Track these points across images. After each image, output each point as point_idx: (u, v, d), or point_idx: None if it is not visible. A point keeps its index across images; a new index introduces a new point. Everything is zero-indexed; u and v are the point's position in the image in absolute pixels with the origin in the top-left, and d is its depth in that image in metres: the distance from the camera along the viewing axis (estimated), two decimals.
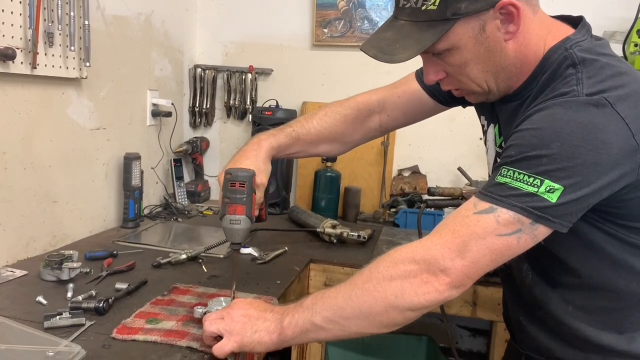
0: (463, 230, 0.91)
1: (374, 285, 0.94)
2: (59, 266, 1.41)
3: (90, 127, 1.85)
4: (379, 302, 0.94)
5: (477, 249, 0.90)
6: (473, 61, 0.98)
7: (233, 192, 1.18)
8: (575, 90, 0.90)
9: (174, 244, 1.84)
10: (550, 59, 0.98)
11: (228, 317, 1.04)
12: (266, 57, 2.56)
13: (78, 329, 1.14)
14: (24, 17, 1.47)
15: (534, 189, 0.87)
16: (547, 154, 0.87)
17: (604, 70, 0.92)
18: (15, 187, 1.54)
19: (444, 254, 0.91)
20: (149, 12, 2.16)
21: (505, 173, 0.90)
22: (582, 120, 0.86)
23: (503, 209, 0.89)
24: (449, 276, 0.91)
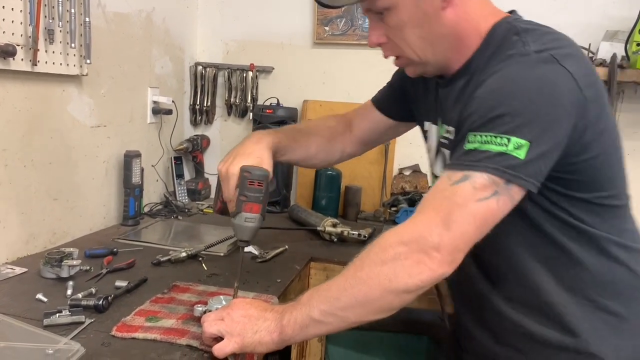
0: (444, 203, 0.91)
1: (367, 273, 0.93)
2: (59, 264, 1.41)
3: (91, 125, 1.85)
4: (373, 288, 0.93)
5: (461, 219, 0.90)
6: (410, 24, 1.02)
7: (251, 191, 1.18)
8: (523, 50, 0.94)
9: (174, 242, 1.83)
10: (495, 34, 1.03)
11: (228, 317, 1.03)
12: (267, 55, 2.55)
13: (78, 326, 1.14)
14: (24, 14, 1.47)
15: (503, 148, 0.89)
16: (509, 112, 0.89)
17: (546, 35, 0.98)
18: (16, 184, 1.54)
19: (431, 231, 0.90)
20: (149, 9, 2.16)
21: (472, 139, 0.92)
22: (535, 76, 0.91)
23: (477, 174, 0.90)
24: (440, 252, 0.90)
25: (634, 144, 2.28)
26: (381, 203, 2.37)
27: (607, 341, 1.01)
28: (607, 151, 1.01)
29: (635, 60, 1.97)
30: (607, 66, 2.01)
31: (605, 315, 1.02)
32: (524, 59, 0.93)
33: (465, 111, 0.98)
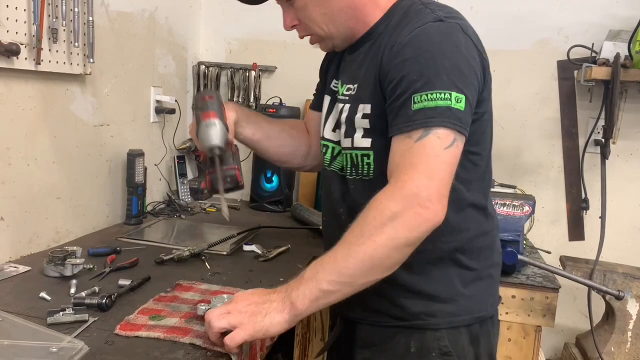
0: (418, 159, 1.00)
1: (369, 237, 0.99)
2: (62, 262, 1.41)
3: (94, 124, 1.85)
4: (378, 250, 0.99)
5: (439, 167, 1.00)
6: (311, 3, 1.17)
7: (204, 103, 1.25)
8: (436, 16, 1.08)
9: (177, 241, 1.84)
10: (399, 6, 1.17)
11: (234, 310, 1.04)
12: (270, 54, 2.56)
13: (81, 325, 1.14)
14: (28, 13, 1.47)
15: (448, 102, 1.01)
16: (443, 71, 1.02)
17: (447, 8, 1.13)
18: (19, 183, 1.54)
19: (419, 185, 0.98)
20: (153, 9, 2.16)
21: (419, 100, 1.02)
22: (454, 39, 1.05)
23: (435, 128, 1.00)
24: (432, 202, 0.98)
25: (636, 143, 2.28)
26: None
27: (454, 289, 1.16)
28: (489, 112, 1.17)
29: (638, 60, 1.96)
30: (610, 66, 2.01)
31: (457, 268, 1.16)
32: (440, 25, 1.07)
33: (393, 71, 1.07)
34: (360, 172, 1.19)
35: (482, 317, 1.19)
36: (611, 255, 2.21)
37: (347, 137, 1.19)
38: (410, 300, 1.17)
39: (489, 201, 1.25)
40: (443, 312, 1.16)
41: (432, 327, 1.16)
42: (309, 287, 1.01)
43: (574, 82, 2.31)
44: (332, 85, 1.32)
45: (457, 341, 1.16)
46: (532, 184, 2.39)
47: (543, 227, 2.38)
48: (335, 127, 1.27)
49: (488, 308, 1.21)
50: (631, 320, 2.02)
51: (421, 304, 1.17)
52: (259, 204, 2.42)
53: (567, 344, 2.30)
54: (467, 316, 1.17)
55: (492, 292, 1.23)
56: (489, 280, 1.21)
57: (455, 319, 1.16)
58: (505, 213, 1.71)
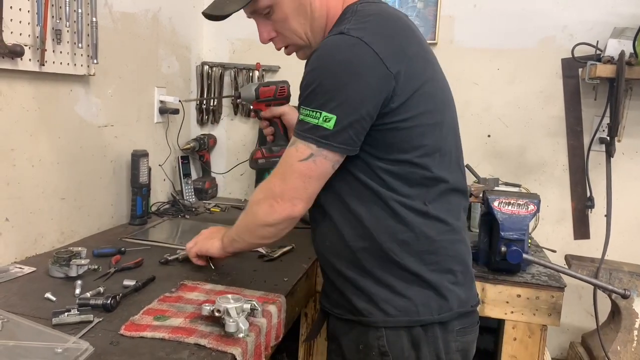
0: (282, 164, 1.18)
1: (246, 212, 1.31)
2: (67, 263, 1.41)
3: (98, 124, 1.86)
4: (249, 223, 1.30)
5: (291, 174, 1.16)
6: (291, 15, 1.20)
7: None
8: (339, 29, 1.11)
9: (181, 241, 1.83)
10: (344, 13, 1.20)
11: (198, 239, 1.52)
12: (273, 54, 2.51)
13: (86, 325, 1.15)
14: (32, 14, 1.47)
15: (315, 121, 1.09)
16: (318, 90, 1.08)
17: (365, 18, 1.13)
18: (24, 184, 1.55)
19: (274, 184, 1.19)
20: (156, 9, 2.17)
21: (301, 112, 1.13)
22: (345, 57, 1.07)
23: (299, 141, 1.13)
24: (282, 199, 1.18)
25: None
26: None
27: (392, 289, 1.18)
28: (419, 118, 1.14)
29: None
30: (615, 63, 2.00)
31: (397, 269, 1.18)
32: (337, 39, 1.10)
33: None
34: None
35: (424, 321, 1.16)
36: (617, 253, 2.20)
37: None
38: (355, 296, 1.21)
39: (438, 205, 1.19)
40: (381, 311, 1.18)
41: (373, 325, 1.19)
42: (228, 235, 1.41)
43: (579, 80, 2.30)
44: None
45: (396, 343, 1.17)
46: (537, 183, 2.38)
47: (548, 226, 2.37)
48: None
49: (434, 314, 1.17)
50: (637, 319, 2.01)
51: (363, 300, 1.20)
52: None
53: (573, 343, 2.30)
54: (405, 318, 1.17)
55: (438, 298, 1.18)
56: (433, 286, 1.17)
57: (391, 319, 1.17)
58: (509, 212, 1.71)
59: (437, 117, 1.18)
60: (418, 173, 1.16)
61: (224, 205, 2.42)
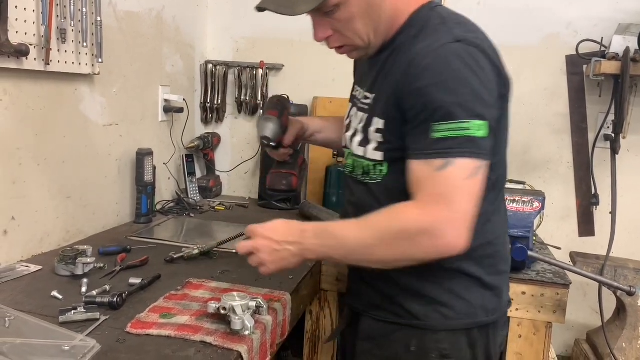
0: (438, 189, 1.02)
1: (386, 244, 1.06)
2: (73, 261, 1.42)
3: (103, 123, 1.86)
4: (388, 257, 1.07)
5: (460, 199, 1.01)
6: (358, 15, 1.10)
7: (270, 104, 1.45)
8: (453, 34, 1.05)
9: (186, 239, 1.84)
10: (418, 16, 1.14)
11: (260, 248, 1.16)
12: (277, 52, 2.56)
13: (93, 323, 1.15)
14: (37, 14, 1.48)
15: (468, 132, 1.00)
16: (462, 100, 1.00)
17: (466, 25, 1.11)
18: (30, 183, 1.55)
19: (435, 216, 1.01)
20: (160, 8, 2.17)
21: (437, 129, 1.01)
22: (473, 64, 1.03)
23: (458, 159, 1.00)
24: (450, 235, 1.01)
25: None
26: None
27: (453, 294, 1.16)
28: (504, 125, 1.15)
29: None
30: (620, 60, 2.00)
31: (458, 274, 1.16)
32: (458, 47, 1.04)
33: (414, 97, 1.05)
34: (370, 179, 1.20)
35: (481, 322, 1.18)
36: (622, 250, 2.19)
37: (360, 147, 1.20)
38: (409, 300, 1.18)
39: (498, 208, 1.23)
40: (441, 315, 1.17)
41: (430, 328, 1.17)
42: (321, 250, 1.14)
43: (583, 77, 2.29)
44: (353, 93, 1.33)
45: (455, 344, 1.17)
46: (542, 180, 2.38)
47: (553, 223, 2.36)
48: (354, 134, 1.26)
49: (489, 315, 1.19)
50: None
51: (420, 305, 1.17)
52: (268, 202, 2.42)
53: (578, 340, 2.29)
54: (466, 321, 1.17)
55: (495, 299, 1.21)
56: (491, 287, 1.20)
57: (453, 322, 1.17)
58: (514, 209, 1.70)
59: (507, 118, 1.17)
60: (491, 179, 1.13)
61: (229, 204, 2.42)
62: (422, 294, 1.17)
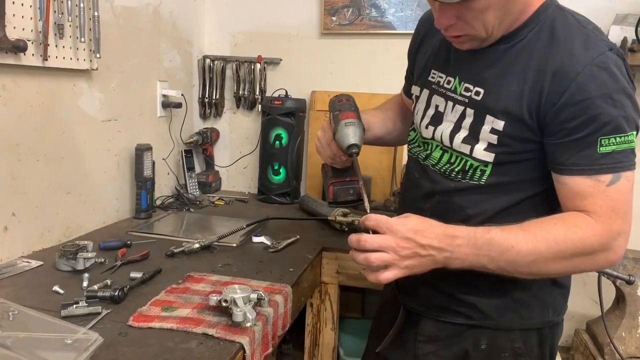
0: (613, 203, 1.03)
1: (560, 259, 1.03)
2: (74, 256, 1.42)
3: (102, 119, 1.86)
4: (558, 269, 1.06)
5: (630, 208, 1.05)
6: (494, 6, 1.02)
7: (340, 105, 1.28)
8: (605, 42, 1.04)
9: (186, 234, 1.85)
10: (544, 12, 1.09)
11: (394, 253, 1.01)
12: (275, 46, 2.55)
13: (95, 317, 1.16)
14: (34, 9, 1.48)
15: (633, 144, 1.02)
16: (629, 112, 1.00)
17: (597, 29, 1.08)
18: (29, 179, 1.55)
19: (620, 231, 1.04)
20: (157, 3, 2.16)
21: (607, 143, 1.00)
22: (625, 72, 1.03)
23: (625, 172, 1.02)
24: (622, 247, 1.05)
25: None
26: (391, 192, 2.37)
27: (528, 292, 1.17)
28: None
29: None
30: None
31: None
32: (613, 56, 1.02)
33: (576, 109, 1.01)
34: (469, 178, 1.14)
35: (551, 322, 1.20)
36: None
37: (466, 144, 1.13)
38: (484, 301, 1.17)
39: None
40: (517, 315, 1.17)
41: (503, 328, 1.17)
42: (477, 260, 1.03)
43: None
44: (430, 78, 1.25)
45: (528, 342, 1.18)
46: None
47: None
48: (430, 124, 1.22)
49: (556, 314, 1.21)
50: None
51: (493, 305, 1.17)
52: (267, 196, 2.42)
53: (578, 330, 2.30)
54: (539, 320, 1.18)
55: (562, 299, 1.23)
56: (561, 286, 1.22)
57: (528, 322, 1.17)
58: None
59: None
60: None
61: (228, 199, 2.43)
62: (500, 293, 1.16)
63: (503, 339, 1.17)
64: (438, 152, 1.20)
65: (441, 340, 1.21)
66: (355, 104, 1.29)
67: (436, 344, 1.22)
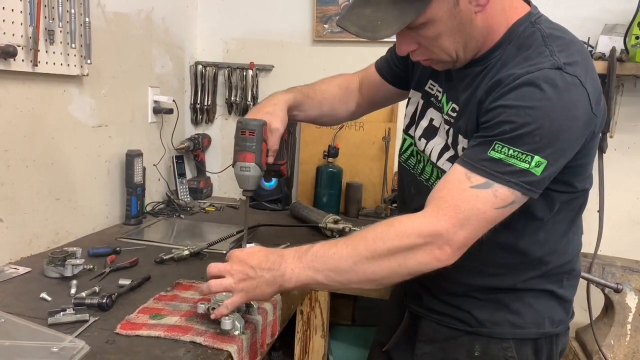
0: (464, 205, 0.99)
1: (379, 256, 1.02)
2: (63, 263, 1.41)
3: (92, 125, 1.86)
4: (383, 270, 1.03)
5: (477, 222, 0.99)
6: (446, 33, 1.03)
7: (243, 140, 1.24)
8: (554, 61, 0.98)
9: (176, 240, 1.84)
10: (516, 30, 1.07)
11: (232, 275, 1.11)
12: (267, 53, 2.56)
13: (82, 324, 1.15)
14: (24, 15, 1.47)
15: (526, 165, 0.97)
16: (538, 132, 0.96)
17: (570, 46, 1.03)
18: (18, 185, 1.55)
19: (449, 229, 0.99)
20: (149, 9, 2.16)
21: (499, 149, 0.98)
22: (566, 99, 0.96)
23: (500, 185, 0.98)
24: (451, 247, 1.00)
25: (633, 137, 2.28)
26: (382, 199, 2.38)
27: (523, 301, 1.18)
28: (590, 155, 1.11)
29: (634, 54, 1.97)
30: (607, 60, 2.01)
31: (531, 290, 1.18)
32: (556, 75, 0.97)
33: (491, 113, 1.01)
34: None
35: (547, 333, 1.20)
36: (610, 248, 2.21)
37: (449, 163, 1.15)
38: (478, 308, 1.19)
39: (577, 228, 1.23)
40: (510, 324, 1.18)
41: (497, 336, 1.18)
42: (305, 273, 1.06)
43: None
44: (427, 87, 1.27)
45: (522, 351, 1.18)
46: None
47: None
48: (422, 136, 1.25)
49: (554, 326, 1.20)
50: (630, 313, 2.02)
51: (486, 313, 1.18)
52: (258, 202, 2.42)
53: None
54: (533, 330, 1.18)
55: (562, 312, 1.22)
56: (561, 299, 1.21)
57: (521, 331, 1.18)
58: None
59: (595, 147, 1.12)
60: (579, 201, 1.16)
61: (219, 205, 2.42)
62: (494, 302, 1.18)
63: (496, 347, 1.18)
64: (429, 167, 1.23)
65: (438, 342, 1.24)
66: (261, 135, 1.25)
67: (434, 345, 1.25)
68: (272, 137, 1.30)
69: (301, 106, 1.44)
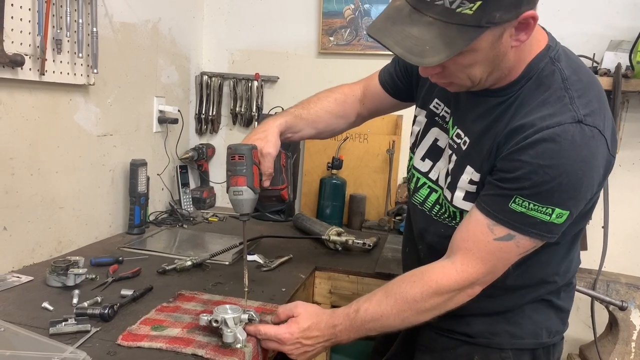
0: (490, 257, 1.07)
1: (424, 312, 1.14)
2: (65, 272, 1.41)
3: (97, 134, 1.86)
4: (428, 318, 1.16)
5: (502, 267, 1.09)
6: (480, 63, 1.01)
7: (233, 165, 1.25)
8: (574, 113, 0.99)
9: (179, 251, 1.84)
10: (536, 66, 1.06)
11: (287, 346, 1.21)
12: (272, 64, 2.57)
13: (83, 335, 1.15)
14: (32, 24, 1.48)
15: (546, 217, 1.01)
16: (557, 189, 0.98)
17: (588, 91, 1.03)
18: (22, 193, 1.55)
19: (479, 277, 1.09)
20: (156, 20, 2.18)
21: (520, 202, 1.01)
22: (585, 154, 0.98)
23: (522, 236, 1.04)
24: (481, 286, 1.12)
25: (638, 153, 2.27)
26: (386, 212, 2.37)
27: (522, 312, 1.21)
28: (601, 189, 1.11)
29: (639, 70, 1.97)
30: (612, 76, 2.02)
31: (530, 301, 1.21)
32: (577, 130, 0.97)
33: (510, 165, 1.02)
34: (451, 218, 1.20)
35: (544, 344, 1.22)
36: (614, 265, 2.20)
37: (449, 190, 1.18)
38: (478, 321, 1.21)
39: (577, 247, 1.25)
40: (508, 334, 1.20)
41: (495, 347, 1.20)
42: (356, 333, 1.19)
43: None
44: (432, 106, 1.27)
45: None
46: None
47: None
48: (427, 156, 1.27)
49: (551, 336, 1.23)
50: (635, 330, 2.01)
51: (485, 324, 1.21)
52: (261, 213, 2.42)
53: (571, 355, 2.29)
54: (531, 340, 1.20)
55: (559, 322, 1.25)
56: (558, 309, 1.24)
57: (519, 341, 1.20)
58: None
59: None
60: (579, 229, 1.18)
61: (222, 215, 2.42)
62: (493, 314, 1.21)
63: (495, 357, 1.20)
64: (425, 189, 1.26)
65: (437, 352, 1.27)
66: (250, 158, 1.25)
67: (433, 355, 1.28)
68: (264, 161, 1.30)
69: (294, 128, 1.44)
